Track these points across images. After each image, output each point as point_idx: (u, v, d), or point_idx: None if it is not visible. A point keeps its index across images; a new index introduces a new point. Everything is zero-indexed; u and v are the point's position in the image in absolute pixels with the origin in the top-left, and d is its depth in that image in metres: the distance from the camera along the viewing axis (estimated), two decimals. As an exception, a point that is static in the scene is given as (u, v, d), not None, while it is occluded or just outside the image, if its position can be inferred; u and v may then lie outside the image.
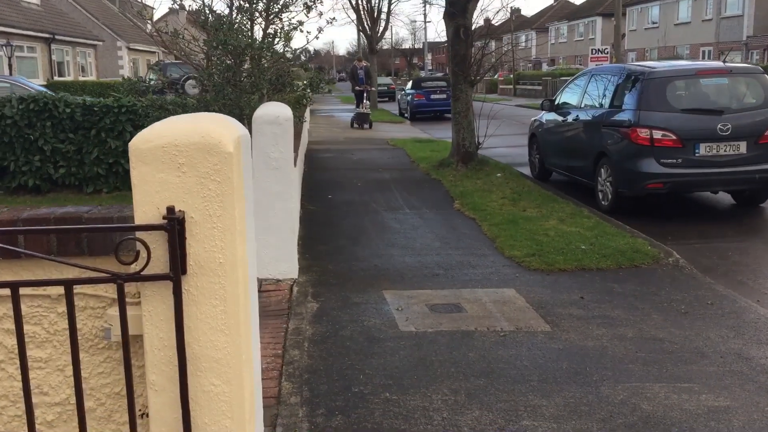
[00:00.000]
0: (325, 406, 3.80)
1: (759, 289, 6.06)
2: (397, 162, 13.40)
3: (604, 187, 9.06)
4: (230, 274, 2.06)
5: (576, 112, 10.16)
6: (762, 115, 8.37)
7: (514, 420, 3.67)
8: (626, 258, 6.64)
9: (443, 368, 4.31)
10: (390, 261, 6.70)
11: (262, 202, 5.78)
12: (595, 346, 4.66)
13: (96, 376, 2.30)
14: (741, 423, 3.66)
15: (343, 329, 4.94)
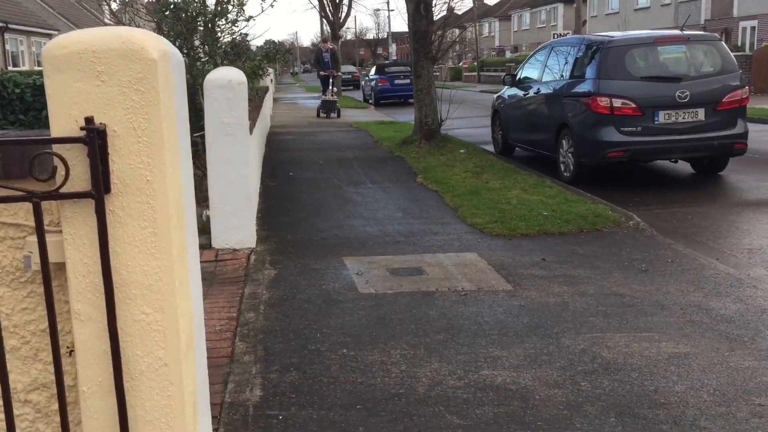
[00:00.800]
0: (280, 363, 3.68)
1: (718, 248, 6.08)
2: (360, 142, 13.26)
3: (565, 158, 9.05)
4: (159, 194, 1.92)
5: (537, 86, 10.14)
6: (719, 83, 8.42)
7: (473, 370, 3.59)
8: (588, 222, 6.62)
9: (403, 326, 4.21)
10: (351, 231, 6.59)
11: (215, 169, 5.62)
12: (557, 302, 4.61)
13: (19, 313, 2.14)
14: (701, 367, 3.63)
15: (301, 293, 4.81)
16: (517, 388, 3.40)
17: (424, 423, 3.07)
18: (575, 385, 3.43)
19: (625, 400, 3.28)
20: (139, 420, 2.03)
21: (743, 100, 8.44)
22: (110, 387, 2.00)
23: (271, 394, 3.33)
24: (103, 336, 1.98)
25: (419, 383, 3.45)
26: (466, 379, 3.50)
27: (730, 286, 4.88)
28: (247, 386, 3.41)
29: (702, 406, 3.22)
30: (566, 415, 3.14)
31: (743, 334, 4.05)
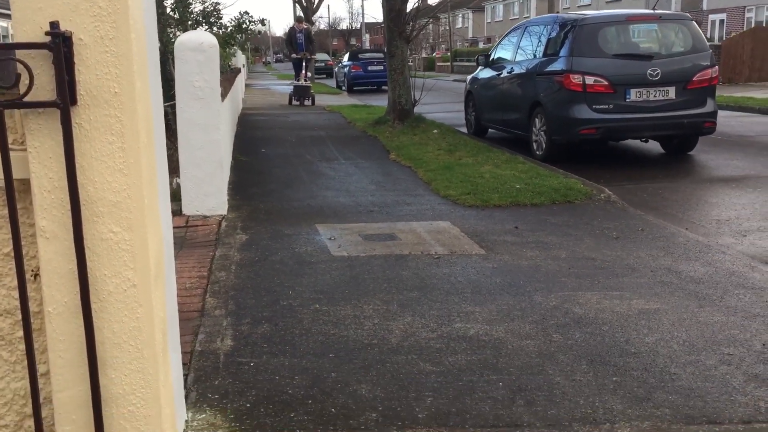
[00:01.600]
0: (251, 317, 3.63)
1: (688, 219, 6.16)
2: (332, 123, 13.19)
3: (538, 136, 9.09)
4: (128, 107, 1.87)
5: (511, 66, 10.15)
6: (690, 61, 8.52)
7: (446, 324, 3.59)
8: (560, 195, 6.66)
9: (375, 284, 4.19)
10: (324, 201, 6.54)
11: (186, 134, 5.54)
12: (529, 265, 4.62)
13: (-19, 235, 2.08)
14: (671, 321, 3.66)
15: (273, 255, 4.76)
16: (490, 339, 3.40)
17: (397, 369, 3.05)
18: (547, 337, 3.44)
19: (597, 350, 3.30)
20: (107, 342, 1.99)
21: (713, 79, 8.55)
22: (77, 308, 1.95)
23: (242, 344, 3.29)
24: (69, 255, 1.93)
25: (392, 335, 3.44)
26: (438, 331, 3.49)
27: (699, 252, 4.94)
28: (218, 337, 3.36)
29: (672, 355, 3.25)
30: (539, 363, 3.15)
31: (712, 293, 4.10)
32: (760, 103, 15.13)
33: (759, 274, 4.44)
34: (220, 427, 2.52)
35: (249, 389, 2.83)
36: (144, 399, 2.03)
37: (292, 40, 17.40)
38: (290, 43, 17.53)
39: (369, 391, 2.85)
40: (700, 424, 2.64)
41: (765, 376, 3.03)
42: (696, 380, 3.00)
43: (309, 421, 2.60)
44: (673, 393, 2.88)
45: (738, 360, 3.20)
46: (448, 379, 2.97)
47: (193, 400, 2.72)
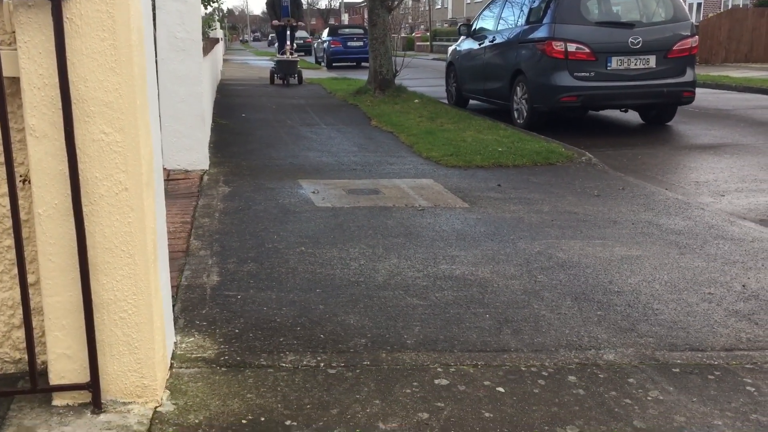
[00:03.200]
0: (237, 257, 3.61)
1: (667, 181, 6.23)
2: (313, 93, 13.11)
3: (519, 105, 9.11)
4: (120, 1, 1.84)
5: (492, 35, 10.14)
6: (671, 30, 8.57)
7: (432, 265, 3.60)
8: (541, 157, 6.69)
9: (361, 231, 4.19)
10: (306, 160, 6.51)
11: (167, 87, 5.46)
12: (512, 217, 4.65)
13: (-32, 139, 2.03)
14: (652, 266, 3.71)
15: (257, 205, 4.74)
16: (476, 279, 3.42)
17: (384, 303, 3.06)
18: (532, 278, 3.47)
19: (581, 289, 3.33)
20: (98, 247, 1.96)
21: (693, 48, 8.62)
22: (67, 211, 1.93)
23: (228, 279, 3.28)
24: (60, 155, 1.90)
25: (378, 274, 3.44)
26: (424, 271, 3.51)
27: (679, 208, 5.00)
28: (204, 273, 3.34)
29: (654, 293, 3.30)
30: (524, 299, 3.18)
31: (692, 242, 4.16)
32: (736, 81, 15.31)
33: (737, 228, 4.51)
34: (209, 349, 2.51)
35: (237, 318, 2.82)
36: (136, 306, 2.01)
37: (275, 3, 14.12)
38: (272, 6, 14.17)
39: (357, 321, 2.86)
40: (684, 351, 2.69)
41: (745, 312, 3.09)
42: (678, 315, 3.04)
43: (298, 345, 2.60)
44: (657, 325, 2.93)
45: (719, 298, 3.25)
46: (435, 311, 2.99)
47: (181, 326, 2.70)
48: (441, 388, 2.32)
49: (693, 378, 2.47)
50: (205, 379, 2.29)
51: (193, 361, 2.41)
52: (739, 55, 22.00)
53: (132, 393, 2.06)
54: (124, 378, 2.05)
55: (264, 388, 2.25)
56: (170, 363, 2.36)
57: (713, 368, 2.55)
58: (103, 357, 2.02)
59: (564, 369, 2.51)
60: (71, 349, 2.01)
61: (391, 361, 2.50)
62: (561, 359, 2.58)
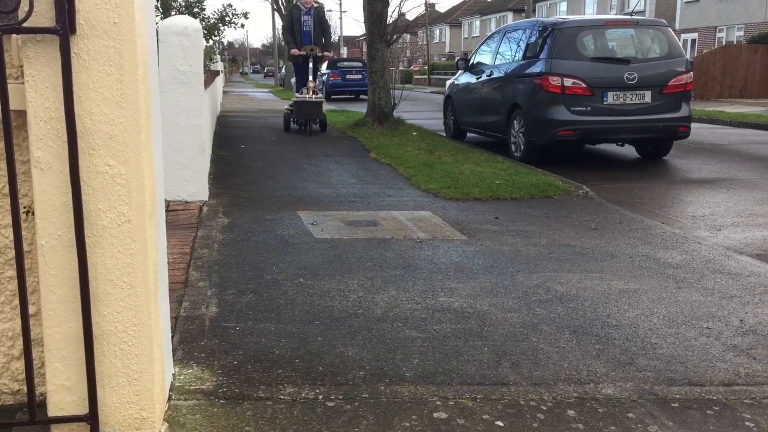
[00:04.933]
0: (236, 288, 3.62)
1: (664, 215, 6.26)
2: (312, 125, 13.20)
3: (516, 138, 9.18)
4: (127, 38, 1.88)
5: (490, 69, 10.27)
6: (666, 67, 8.69)
7: (431, 297, 3.61)
8: (539, 190, 6.74)
9: (359, 263, 4.20)
10: (305, 192, 6.54)
11: (168, 119, 5.51)
12: (510, 250, 4.67)
13: (-27, 170, 2.06)
14: (650, 299, 3.72)
15: (256, 236, 4.75)
16: (474, 311, 3.43)
17: (383, 335, 3.06)
18: (530, 311, 3.48)
19: (579, 322, 3.34)
20: (100, 278, 1.98)
21: (688, 84, 8.73)
22: (70, 242, 1.94)
23: (227, 311, 3.28)
24: (64, 187, 1.92)
25: (377, 306, 3.45)
26: (423, 304, 3.51)
27: (676, 242, 5.03)
28: (203, 305, 3.34)
29: (653, 327, 3.30)
30: (523, 332, 3.18)
31: (690, 276, 4.17)
32: (730, 116, 15.47)
33: (734, 262, 4.53)
34: (207, 381, 2.50)
35: (235, 349, 2.82)
36: (136, 337, 2.02)
37: (294, 25, 10.98)
38: (290, 30, 11.03)
39: (355, 353, 2.86)
40: (682, 386, 2.69)
41: (743, 347, 3.09)
42: (677, 349, 3.05)
43: (297, 377, 2.59)
44: (655, 359, 2.93)
45: (717, 333, 3.26)
46: (434, 344, 2.99)
47: (179, 357, 2.70)
48: (440, 422, 2.32)
49: (692, 413, 2.47)
50: (204, 412, 2.28)
51: (191, 393, 2.40)
52: (734, 90, 22.25)
53: (130, 425, 2.06)
54: (123, 410, 2.05)
55: (262, 420, 2.24)
56: (168, 395, 2.36)
57: (712, 403, 2.55)
58: (102, 389, 2.02)
59: (563, 403, 2.50)
60: (70, 381, 2.01)
61: (390, 393, 2.50)
62: (560, 393, 2.58)
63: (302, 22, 10.91)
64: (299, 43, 10.94)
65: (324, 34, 11.15)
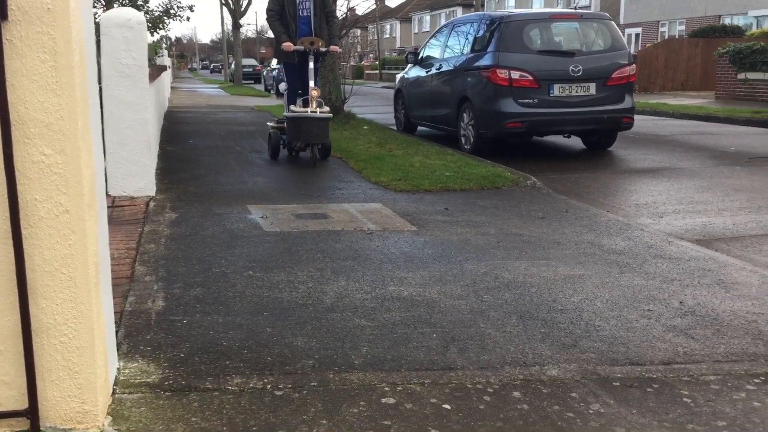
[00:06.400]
0: (183, 282, 3.58)
1: (609, 203, 6.41)
2: (262, 120, 13.07)
3: (466, 131, 9.27)
4: (61, 24, 1.84)
5: (439, 63, 10.34)
6: (609, 59, 8.88)
7: (380, 287, 3.63)
8: (488, 181, 6.82)
9: (309, 255, 4.19)
10: (255, 186, 6.49)
11: (112, 113, 5.40)
12: (460, 240, 4.72)
13: None
14: (594, 284, 3.81)
15: (204, 230, 4.70)
16: (423, 299, 3.46)
17: (333, 325, 3.07)
18: (479, 298, 3.53)
19: (526, 308, 3.40)
20: (38, 270, 1.94)
21: (631, 76, 8.94)
22: (6, 234, 1.90)
23: (174, 304, 3.24)
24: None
25: (326, 296, 3.45)
26: (373, 293, 3.53)
27: (620, 229, 5.15)
28: (149, 299, 3.29)
29: (596, 311, 3.39)
30: (471, 318, 3.22)
31: (632, 262, 4.29)
32: (673, 108, 15.89)
33: (675, 247, 4.67)
34: (153, 374, 2.47)
35: (182, 342, 2.79)
36: (76, 330, 1.98)
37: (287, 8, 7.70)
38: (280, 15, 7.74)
39: (305, 343, 2.86)
40: (624, 365, 2.77)
41: (682, 327, 3.19)
42: (619, 331, 3.13)
43: (245, 367, 2.58)
44: (598, 341, 3.01)
45: (657, 315, 3.35)
46: (383, 332, 3.01)
47: (124, 351, 2.66)
48: (388, 407, 2.34)
49: (633, 391, 2.54)
50: (149, 404, 2.25)
51: (136, 387, 2.37)
52: (676, 83, 22.86)
53: (72, 419, 2.02)
54: (65, 404, 2.01)
55: (209, 411, 2.23)
56: (113, 389, 2.32)
57: (652, 381, 2.63)
58: (43, 383, 1.98)
59: (509, 385, 2.55)
60: (9, 375, 1.96)
61: (339, 381, 2.51)
62: (506, 376, 2.63)
63: (297, 4, 7.69)
64: (294, 34, 7.62)
65: (328, 20, 7.92)
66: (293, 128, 7.39)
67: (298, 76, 7.81)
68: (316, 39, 7.59)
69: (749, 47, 17.93)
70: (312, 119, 7.21)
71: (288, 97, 7.90)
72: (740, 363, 2.79)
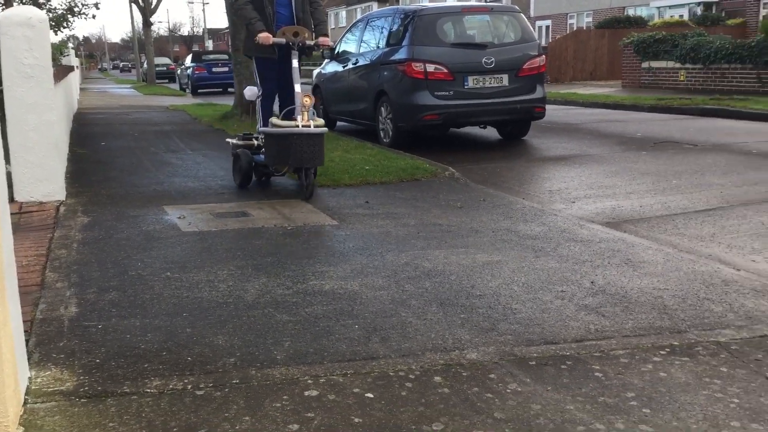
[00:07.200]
0: (97, 286, 3.48)
1: (524, 191, 6.60)
2: (177, 119, 12.82)
3: (384, 124, 9.34)
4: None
5: (356, 58, 10.36)
6: (520, 51, 9.11)
7: (302, 282, 3.63)
8: (407, 173, 6.90)
9: (229, 253, 4.15)
10: (171, 186, 6.36)
11: (15, 115, 5.18)
12: (380, 232, 4.76)
13: None
14: (511, 269, 3.92)
15: (119, 234, 4.58)
16: (345, 292, 3.48)
17: (254, 321, 3.05)
18: (400, 288, 3.57)
19: (446, 295, 3.47)
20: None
21: (541, 67, 9.21)
22: None
23: (88, 310, 3.15)
24: None
25: (247, 294, 3.43)
26: (294, 288, 3.53)
27: (535, 215, 5.31)
28: (61, 305, 3.19)
29: (513, 295, 3.49)
30: (392, 308, 3.27)
31: (547, 246, 4.43)
32: (583, 97, 16.46)
33: (586, 231, 4.85)
34: (67, 381, 2.40)
35: (98, 348, 2.72)
36: (-19, 339, 1.90)
37: None
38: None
39: (226, 341, 2.83)
40: (539, 345, 2.87)
41: (594, 306, 3.33)
42: (535, 312, 3.24)
43: (164, 369, 2.54)
44: (515, 323, 3.10)
45: (570, 295, 3.49)
46: (305, 326, 3.01)
47: (36, 360, 2.57)
48: (311, 399, 2.35)
49: (548, 369, 2.64)
50: (63, 412, 2.19)
51: (49, 395, 2.30)
52: (585, 73, 23.68)
53: (-19, 433, 1.94)
54: (-28, 418, 1.93)
55: (127, 415, 2.18)
56: (24, 399, 2.24)
57: (566, 359, 2.74)
58: (-54, 397, 1.90)
59: (430, 371, 2.60)
60: None
61: (261, 377, 2.50)
62: (427, 362, 2.68)
63: None
64: (271, 21, 6.01)
65: (312, 2, 6.37)
66: (277, 148, 5.72)
67: (273, 77, 6.26)
68: (300, 28, 5.91)
69: (652, 37, 18.76)
70: (305, 136, 5.56)
71: (263, 106, 6.43)
72: (647, 337, 2.94)
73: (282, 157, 5.74)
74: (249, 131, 6.89)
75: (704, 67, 17.04)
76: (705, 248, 4.44)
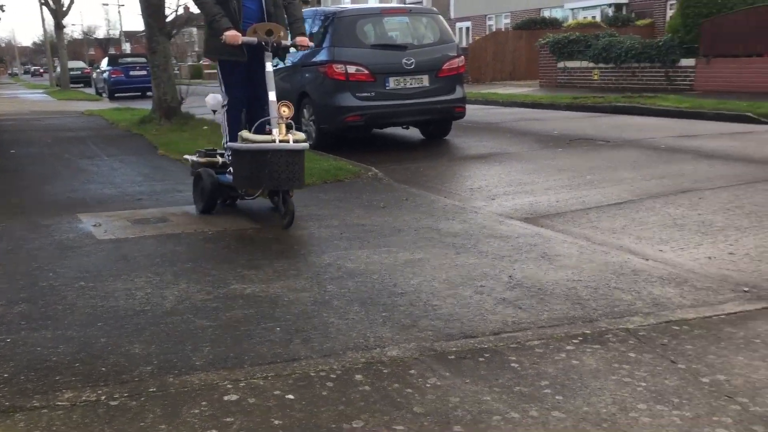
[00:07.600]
0: (5, 299, 3.35)
1: (446, 189, 6.70)
2: (93, 125, 12.43)
3: (308, 126, 9.31)
4: None
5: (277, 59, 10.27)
6: (439, 52, 9.24)
7: (222, 286, 3.58)
8: (330, 174, 6.91)
9: (148, 260, 4.06)
10: (87, 193, 6.17)
11: None
12: (303, 234, 4.75)
13: None
14: (432, 267, 3.98)
15: (29, 244, 4.41)
16: (266, 295, 3.46)
17: (173, 328, 3.00)
18: (322, 288, 3.58)
19: (368, 295, 3.49)
20: None
21: (460, 68, 9.37)
22: None
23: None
24: None
25: (166, 300, 3.36)
26: (215, 293, 3.48)
27: (456, 213, 5.41)
28: (-34, 321, 3.05)
29: (434, 291, 3.54)
30: (314, 309, 3.27)
31: (467, 242, 4.52)
32: (503, 97, 16.83)
33: (505, 226, 4.97)
34: (-28, 399, 2.30)
35: (6, 362, 2.62)
36: None
37: None
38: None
39: (143, 349, 2.77)
40: (458, 339, 2.93)
41: (511, 299, 3.42)
42: (455, 308, 3.30)
43: (76, 381, 2.46)
44: (436, 319, 3.15)
45: (489, 290, 3.57)
46: (225, 330, 2.98)
47: (-63, 379, 2.45)
48: (230, 404, 2.33)
49: (466, 362, 2.70)
50: (-31, 431, 2.10)
51: (-47, 415, 2.20)
52: (504, 74, 24.22)
53: None
54: None
55: (37, 430, 2.11)
56: (-75, 420, 2.14)
57: (483, 351, 2.80)
58: None
59: (351, 369, 2.62)
60: None
61: (179, 384, 2.46)
62: (348, 361, 2.70)
63: None
64: (237, 17, 5.14)
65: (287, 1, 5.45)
66: (249, 167, 4.82)
67: (242, 84, 5.34)
68: (274, 26, 5.03)
69: (566, 38, 19.37)
70: (282, 153, 4.69)
71: (230, 117, 5.37)
72: (561, 327, 3.04)
73: (254, 179, 4.82)
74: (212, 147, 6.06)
75: (616, 66, 17.72)
76: (617, 240, 4.62)
